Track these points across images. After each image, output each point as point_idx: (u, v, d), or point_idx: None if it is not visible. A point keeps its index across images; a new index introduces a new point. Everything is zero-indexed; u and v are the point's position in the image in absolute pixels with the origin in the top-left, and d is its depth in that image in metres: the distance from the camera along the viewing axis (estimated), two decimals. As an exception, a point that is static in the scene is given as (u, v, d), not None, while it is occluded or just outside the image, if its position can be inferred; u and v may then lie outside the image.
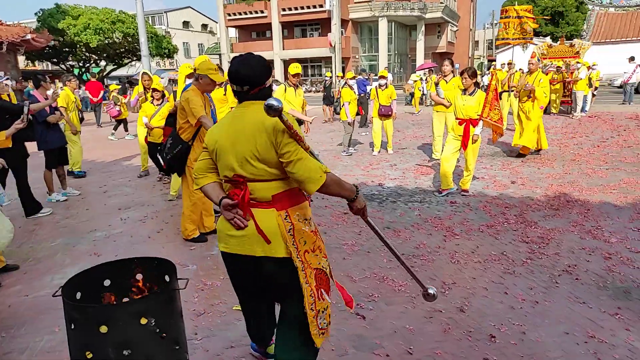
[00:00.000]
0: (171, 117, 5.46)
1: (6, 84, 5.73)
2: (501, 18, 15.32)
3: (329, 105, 15.43)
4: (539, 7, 42.45)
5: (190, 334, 2.75)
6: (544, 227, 4.61)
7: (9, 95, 10.32)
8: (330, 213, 5.31)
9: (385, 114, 8.73)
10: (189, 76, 5.67)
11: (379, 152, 9.01)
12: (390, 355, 2.65)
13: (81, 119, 8.38)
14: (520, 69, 14.92)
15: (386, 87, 8.71)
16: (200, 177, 2.19)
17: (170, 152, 4.37)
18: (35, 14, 30.72)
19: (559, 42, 17.46)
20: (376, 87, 8.83)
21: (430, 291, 2.43)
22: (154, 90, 7.03)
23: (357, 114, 9.67)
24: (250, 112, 2.04)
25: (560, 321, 2.92)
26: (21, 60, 27.90)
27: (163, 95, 6.86)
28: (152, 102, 6.85)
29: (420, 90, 18.49)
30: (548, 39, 20.15)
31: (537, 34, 33.01)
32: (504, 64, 16.53)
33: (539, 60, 8.37)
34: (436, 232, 4.58)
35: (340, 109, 9.49)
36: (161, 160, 4.59)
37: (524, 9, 15.33)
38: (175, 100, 5.57)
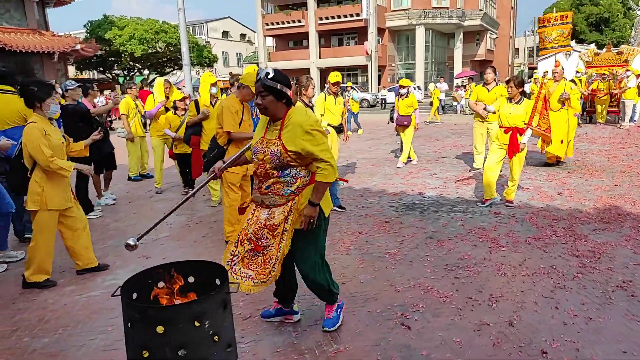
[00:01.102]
0: (191, 128, 5.68)
1: (73, 90, 5.91)
2: (539, 28, 14.98)
3: None
4: (583, 13, 41.19)
5: (237, 337, 2.79)
6: (595, 241, 4.44)
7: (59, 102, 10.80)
8: (373, 222, 5.28)
9: (401, 123, 8.42)
10: (214, 84, 5.95)
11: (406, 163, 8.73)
12: (438, 367, 2.61)
13: (144, 124, 8.60)
14: (563, 78, 14.47)
15: (407, 96, 8.44)
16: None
17: (208, 156, 4.53)
18: (85, 25, 32.20)
19: (605, 50, 16.86)
20: (396, 96, 8.60)
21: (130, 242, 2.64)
22: (178, 100, 6.91)
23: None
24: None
25: (617, 340, 2.80)
26: (71, 70, 29.27)
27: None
28: (175, 113, 6.76)
29: (439, 100, 18.16)
30: (593, 46, 19.45)
31: (581, 41, 32.00)
32: (546, 72, 16.10)
33: (562, 68, 8.20)
34: (481, 244, 4.49)
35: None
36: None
37: (562, 15, 14.92)
38: (198, 109, 5.72)
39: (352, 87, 13.75)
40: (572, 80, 13.59)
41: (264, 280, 2.71)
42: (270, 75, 2.59)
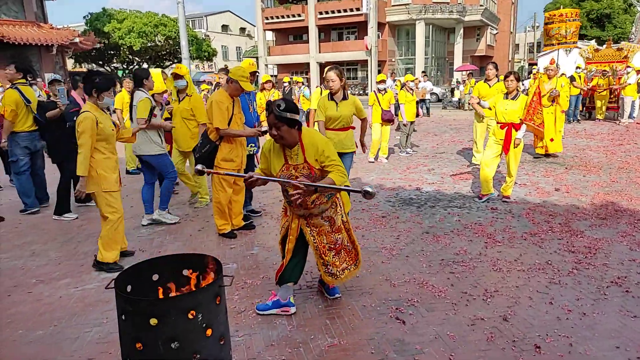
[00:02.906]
0: None
1: (51, 85, 6.06)
2: (545, 24, 14.90)
3: None
4: (584, 9, 41.04)
5: (232, 331, 2.80)
6: (591, 237, 4.45)
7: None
8: (369, 217, 5.28)
9: (389, 118, 8.41)
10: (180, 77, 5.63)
11: (376, 159, 8.70)
12: (431, 361, 2.61)
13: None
14: (563, 74, 14.47)
15: (385, 92, 8.46)
16: None
17: (199, 152, 4.50)
18: (84, 17, 32.04)
19: (605, 46, 16.83)
20: (375, 91, 8.51)
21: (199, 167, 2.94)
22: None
23: (417, 115, 9.54)
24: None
25: (611, 335, 2.81)
26: (70, 63, 29.13)
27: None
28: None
29: (422, 101, 17.96)
30: (593, 42, 19.40)
31: (581, 37, 31.91)
32: (547, 68, 16.07)
33: (557, 66, 8.20)
34: (477, 239, 4.49)
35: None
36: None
37: (571, 12, 14.85)
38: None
39: (303, 84, 13.65)
40: (572, 77, 13.61)
41: (355, 263, 3.25)
42: (282, 107, 2.75)
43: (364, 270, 3.82)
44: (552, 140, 8.03)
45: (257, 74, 5.18)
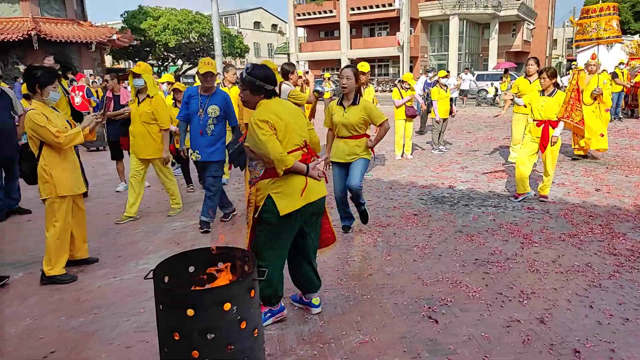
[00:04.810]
0: (121, 127, 5.60)
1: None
2: (580, 19, 14.34)
3: None
4: (628, 2, 39.41)
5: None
6: (634, 240, 4.27)
7: (96, 91, 11.11)
8: (400, 214, 5.24)
9: (412, 114, 8.40)
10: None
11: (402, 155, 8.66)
12: (465, 362, 2.57)
13: None
14: (604, 70, 13.93)
15: (447, 88, 8.63)
16: (288, 157, 2.65)
17: (232, 147, 4.50)
18: (121, 15, 32.90)
19: (651, 40, 16.11)
20: (398, 87, 8.44)
21: None
22: (177, 91, 6.61)
23: (450, 112, 9.41)
24: (284, 101, 2.90)
25: (655, 342, 2.70)
26: (108, 59, 30.00)
27: None
28: (175, 105, 6.51)
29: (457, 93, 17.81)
30: (638, 37, 18.62)
31: (624, 31, 30.63)
32: (588, 63, 15.51)
33: (590, 61, 7.91)
34: (513, 239, 4.38)
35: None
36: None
37: (610, 5, 14.24)
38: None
39: (327, 79, 13.64)
40: (614, 73, 13.07)
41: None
42: (249, 70, 2.74)
43: (395, 268, 3.79)
44: (602, 135, 7.69)
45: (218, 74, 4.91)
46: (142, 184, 5.34)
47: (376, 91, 33.76)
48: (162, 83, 8.22)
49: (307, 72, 6.34)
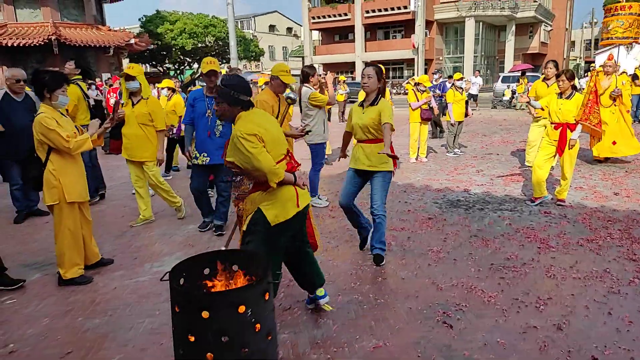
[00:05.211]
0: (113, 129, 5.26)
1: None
2: (605, 17, 14.12)
3: None
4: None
5: (277, 328, 2.83)
6: (655, 245, 4.18)
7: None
8: (414, 218, 5.21)
9: (427, 117, 8.49)
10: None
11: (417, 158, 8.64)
12: (480, 368, 2.54)
13: None
14: (624, 71, 13.68)
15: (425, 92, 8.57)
16: (280, 169, 2.64)
17: None
18: (139, 19, 33.38)
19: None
20: (414, 89, 8.56)
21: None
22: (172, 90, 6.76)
23: (465, 115, 9.36)
24: (261, 111, 2.82)
25: (677, 351, 2.63)
26: (125, 63, 30.42)
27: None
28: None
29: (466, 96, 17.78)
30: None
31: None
32: (605, 64, 15.26)
33: (615, 62, 7.75)
34: (529, 244, 4.33)
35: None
36: None
37: (631, 5, 14.01)
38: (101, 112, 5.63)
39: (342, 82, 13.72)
40: (634, 75, 12.85)
41: None
42: (224, 82, 2.64)
43: (409, 273, 3.77)
44: (614, 143, 7.56)
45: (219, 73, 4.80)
46: (147, 188, 5.34)
47: (390, 94, 33.74)
48: (163, 88, 8.30)
49: (325, 74, 6.39)
